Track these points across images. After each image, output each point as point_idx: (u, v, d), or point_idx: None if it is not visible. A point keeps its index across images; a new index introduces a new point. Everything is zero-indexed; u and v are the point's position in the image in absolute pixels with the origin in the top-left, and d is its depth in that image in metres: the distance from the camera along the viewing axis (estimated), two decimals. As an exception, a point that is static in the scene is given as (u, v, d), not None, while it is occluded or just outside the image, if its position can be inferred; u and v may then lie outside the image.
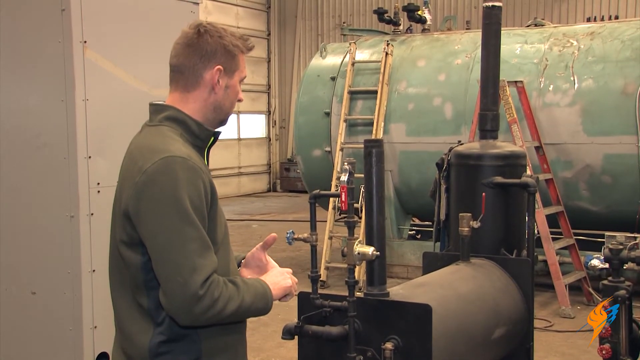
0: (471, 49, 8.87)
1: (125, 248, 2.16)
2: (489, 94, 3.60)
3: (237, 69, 2.30)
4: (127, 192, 2.14)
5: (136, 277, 2.16)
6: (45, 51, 3.97)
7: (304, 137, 9.95)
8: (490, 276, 3.10)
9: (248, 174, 19.56)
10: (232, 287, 2.15)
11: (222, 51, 2.25)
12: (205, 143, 2.32)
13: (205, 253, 2.08)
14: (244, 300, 2.16)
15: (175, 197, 2.06)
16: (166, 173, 2.08)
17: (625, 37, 8.04)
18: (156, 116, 2.28)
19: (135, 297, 2.19)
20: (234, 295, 2.13)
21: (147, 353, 2.17)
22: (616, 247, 3.42)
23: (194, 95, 2.28)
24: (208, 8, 16.85)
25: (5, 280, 4.14)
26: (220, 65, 2.25)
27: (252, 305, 2.19)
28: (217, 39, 2.25)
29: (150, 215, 2.08)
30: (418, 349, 2.28)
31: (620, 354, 3.30)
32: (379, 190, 2.43)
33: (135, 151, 2.21)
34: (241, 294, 2.16)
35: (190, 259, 2.05)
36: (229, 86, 2.29)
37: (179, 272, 2.04)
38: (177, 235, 2.05)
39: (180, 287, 2.04)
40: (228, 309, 2.11)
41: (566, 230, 7.88)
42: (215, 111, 2.30)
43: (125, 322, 2.23)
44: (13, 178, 4.10)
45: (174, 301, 2.06)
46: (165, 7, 4.43)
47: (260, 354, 6.07)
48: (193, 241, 2.06)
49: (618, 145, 7.74)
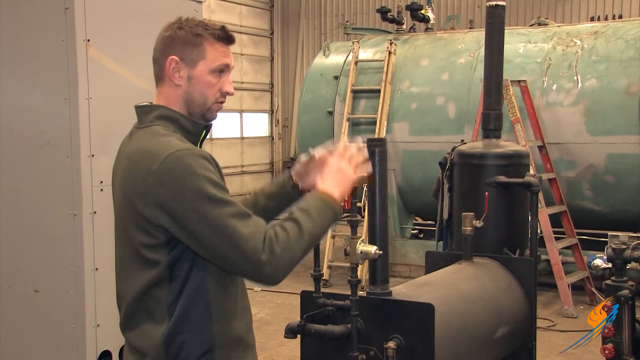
0: (474, 48, 8.86)
1: (148, 250, 2.15)
2: (492, 93, 3.60)
3: (202, 59, 2.23)
4: (143, 198, 2.11)
5: (160, 273, 2.16)
6: (48, 49, 3.97)
7: (307, 136, 9.93)
8: (493, 275, 3.10)
9: (251, 173, 19.53)
10: (291, 226, 2.13)
11: (178, 41, 2.23)
12: (197, 137, 2.29)
13: (247, 222, 2.08)
14: (310, 230, 2.14)
15: (196, 186, 2.06)
16: (178, 168, 2.08)
17: (629, 36, 8.02)
18: (146, 117, 2.26)
19: (150, 291, 2.18)
20: (296, 235, 2.12)
21: (162, 345, 2.16)
22: (619, 247, 3.41)
23: (164, 89, 2.27)
24: (211, 7, 16.82)
25: (8, 278, 4.15)
26: (174, 55, 2.23)
27: (319, 226, 2.18)
28: (176, 30, 2.24)
29: (183, 214, 2.07)
30: (421, 348, 2.28)
31: (623, 353, 3.30)
32: (382, 189, 2.43)
33: (136, 155, 2.18)
34: (303, 226, 2.14)
35: (238, 232, 2.05)
36: (192, 77, 2.24)
37: (234, 248, 2.05)
38: (216, 220, 2.05)
39: (243, 261, 2.05)
40: (298, 251, 2.11)
41: (569, 230, 7.87)
42: (188, 104, 2.26)
43: (138, 317, 2.23)
44: (16, 176, 4.10)
45: (247, 274, 2.10)
46: (168, 5, 4.43)
47: (262, 353, 6.07)
48: (231, 217, 2.06)
49: (621, 145, 7.72)
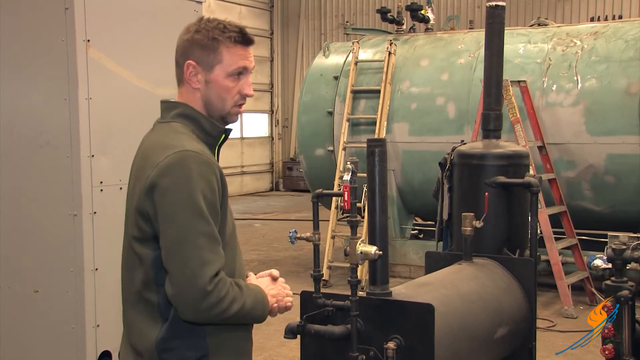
0: (474, 49, 8.86)
1: (138, 244, 2.18)
2: (492, 94, 3.60)
3: (218, 63, 2.24)
4: (140, 187, 2.15)
5: (147, 272, 2.17)
6: (48, 50, 3.97)
7: (306, 137, 9.94)
8: (493, 276, 3.10)
9: (251, 173, 19.55)
10: (237, 288, 2.15)
11: (195, 46, 2.24)
12: (216, 140, 2.31)
13: (215, 248, 2.09)
14: (246, 304, 2.16)
15: (188, 191, 2.07)
16: (179, 167, 2.09)
17: (629, 36, 8.02)
18: (168, 113, 2.30)
19: (144, 293, 2.20)
20: (238, 297, 2.13)
21: (155, 349, 2.17)
22: (619, 247, 3.41)
23: (181, 90, 2.31)
24: (211, 7, 16.85)
25: (8, 278, 4.14)
26: (192, 60, 2.24)
27: (251, 311, 2.19)
28: (193, 33, 2.25)
29: (163, 208, 2.08)
30: (420, 349, 2.28)
31: (623, 354, 3.30)
32: (381, 189, 2.43)
33: (148, 149, 2.22)
34: (244, 296, 2.16)
35: (200, 253, 2.05)
36: (209, 81, 2.25)
37: (187, 265, 2.05)
38: (189, 229, 2.06)
39: (189, 280, 2.04)
40: (232, 310, 2.11)
41: (569, 230, 7.87)
42: (206, 107, 2.28)
43: (134, 318, 2.24)
44: (16, 176, 4.10)
45: (182, 294, 2.06)
46: (168, 6, 4.43)
47: (262, 353, 6.07)
48: (204, 236, 2.07)
49: (621, 145, 7.72)
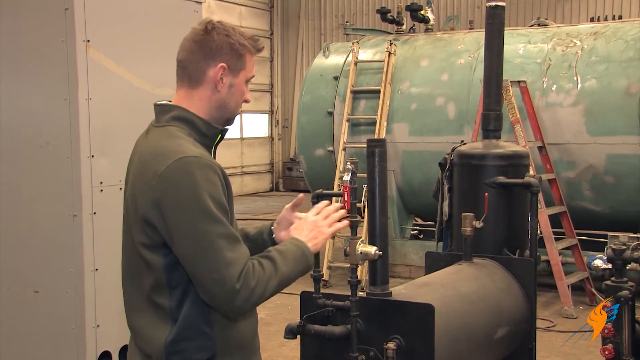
0: (474, 49, 8.86)
1: (147, 250, 2.16)
2: (492, 94, 3.60)
3: (243, 69, 2.28)
4: (144, 197, 2.13)
5: (158, 277, 2.16)
6: (48, 50, 3.97)
7: (306, 137, 9.94)
8: (493, 276, 3.10)
9: (251, 174, 19.54)
10: (268, 264, 2.15)
11: (227, 49, 2.24)
12: (212, 141, 2.31)
13: (234, 246, 2.09)
14: (283, 273, 2.17)
15: (196, 197, 2.06)
16: (183, 174, 2.08)
17: (628, 37, 8.02)
18: (163, 116, 2.27)
19: (154, 297, 2.19)
20: (271, 274, 2.14)
21: (163, 351, 2.17)
22: (619, 248, 3.41)
23: (198, 92, 2.27)
24: (211, 7, 16.85)
25: (8, 278, 4.15)
26: (224, 63, 2.24)
27: (292, 272, 2.21)
28: (224, 36, 2.24)
29: (175, 219, 2.08)
30: (420, 349, 2.28)
31: (623, 354, 3.30)
32: (381, 189, 2.43)
33: (146, 155, 2.20)
34: (278, 267, 2.16)
35: (222, 255, 2.06)
36: (233, 85, 2.27)
37: (213, 270, 2.06)
38: (205, 235, 2.06)
39: (218, 285, 2.06)
40: (269, 288, 2.13)
41: (569, 231, 7.86)
42: (219, 110, 2.29)
43: (140, 321, 2.23)
44: (16, 177, 4.11)
45: (216, 299, 2.09)
46: (168, 6, 4.44)
47: (262, 354, 6.00)
48: (221, 237, 2.07)
49: (621, 146, 7.72)
